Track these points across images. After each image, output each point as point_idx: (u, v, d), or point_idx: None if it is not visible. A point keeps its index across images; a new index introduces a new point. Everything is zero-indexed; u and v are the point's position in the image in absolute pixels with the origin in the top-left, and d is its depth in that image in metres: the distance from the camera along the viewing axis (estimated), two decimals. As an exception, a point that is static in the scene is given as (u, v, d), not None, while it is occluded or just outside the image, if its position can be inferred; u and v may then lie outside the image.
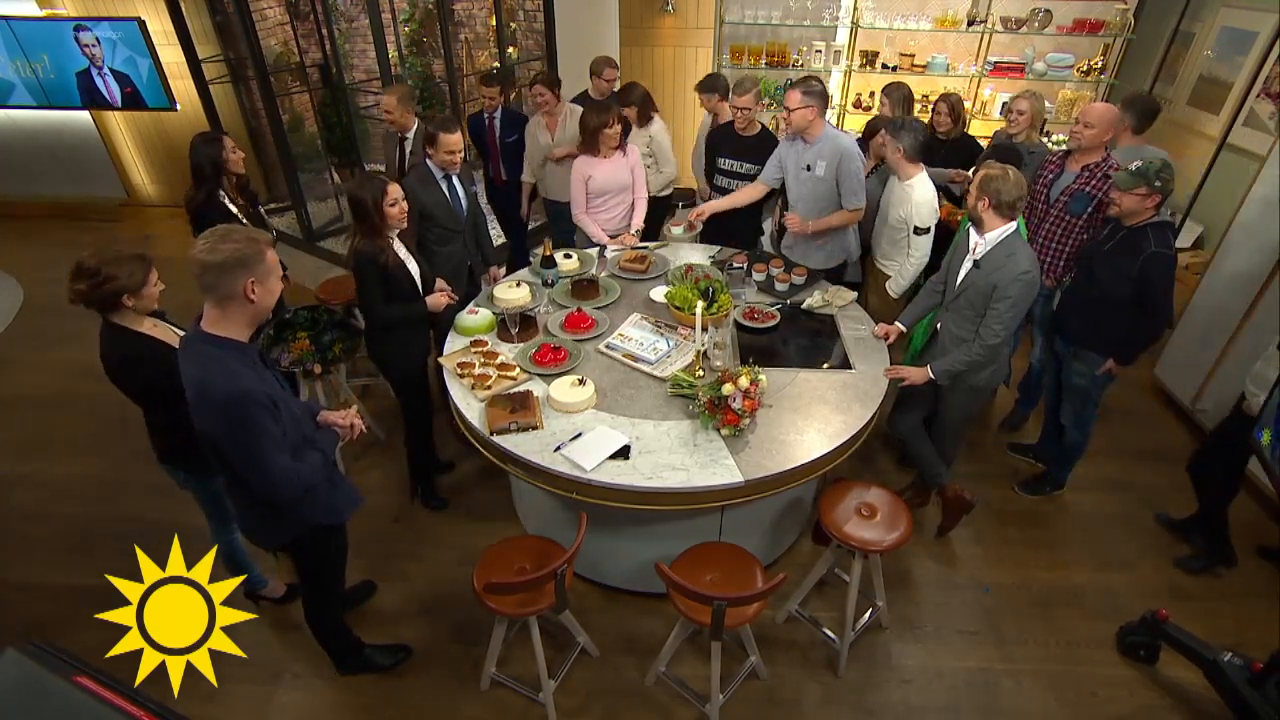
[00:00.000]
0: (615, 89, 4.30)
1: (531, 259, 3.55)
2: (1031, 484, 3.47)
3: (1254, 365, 2.79)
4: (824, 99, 3.19)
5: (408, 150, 3.90)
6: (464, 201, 3.24)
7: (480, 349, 2.82)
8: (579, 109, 3.87)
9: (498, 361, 2.73)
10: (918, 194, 3.11)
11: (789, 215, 3.41)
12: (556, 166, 4.17)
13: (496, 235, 4.75)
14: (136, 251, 2.13)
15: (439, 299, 2.86)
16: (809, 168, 3.29)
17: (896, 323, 2.99)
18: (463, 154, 3.12)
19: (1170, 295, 2.75)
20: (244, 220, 3.32)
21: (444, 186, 3.15)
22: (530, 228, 4.91)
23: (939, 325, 2.85)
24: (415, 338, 2.93)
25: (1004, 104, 3.94)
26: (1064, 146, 3.36)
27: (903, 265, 3.27)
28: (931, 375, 2.76)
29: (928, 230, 3.15)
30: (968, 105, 5.56)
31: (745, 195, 3.59)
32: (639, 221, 3.79)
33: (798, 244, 3.55)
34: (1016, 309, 2.55)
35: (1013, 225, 2.55)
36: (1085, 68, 5.34)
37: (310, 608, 2.43)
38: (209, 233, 1.71)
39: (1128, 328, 2.81)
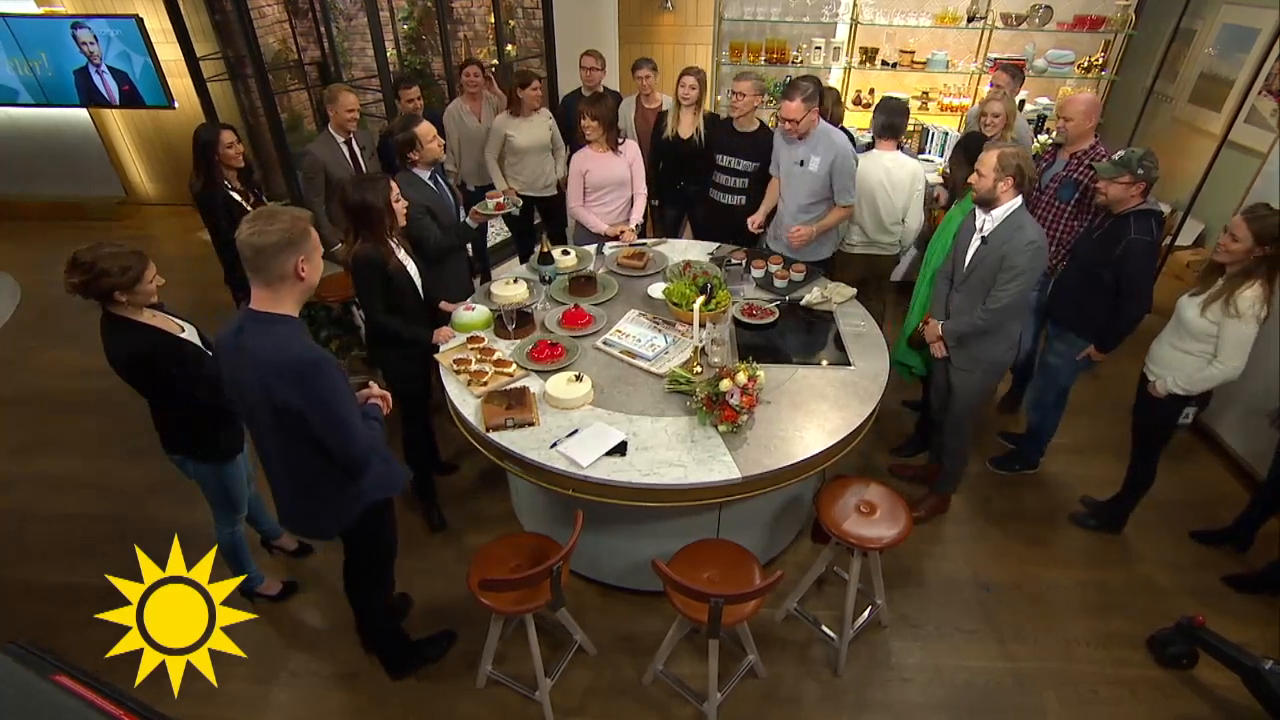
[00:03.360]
0: (598, 78, 4.34)
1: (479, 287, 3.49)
2: (1003, 460, 3.54)
3: (1152, 346, 2.83)
4: (816, 94, 3.24)
5: (357, 152, 3.86)
6: (451, 198, 3.22)
7: (477, 345, 2.80)
8: (500, 95, 4.43)
9: (494, 358, 2.72)
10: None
11: (795, 229, 3.39)
12: (476, 150, 4.31)
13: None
14: (134, 248, 2.12)
15: (446, 333, 2.84)
16: (802, 163, 3.33)
17: (931, 320, 2.97)
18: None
19: (1148, 281, 2.82)
20: (248, 209, 3.35)
21: (433, 186, 3.10)
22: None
23: (950, 306, 2.86)
24: (417, 351, 2.87)
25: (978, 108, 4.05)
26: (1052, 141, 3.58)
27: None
28: (940, 333, 2.84)
29: None
30: (966, 103, 5.56)
31: (771, 195, 3.64)
32: (638, 216, 3.77)
33: (787, 241, 3.54)
34: (1023, 278, 2.56)
35: (1019, 199, 2.57)
36: (1086, 64, 5.33)
37: (360, 603, 2.42)
38: (252, 216, 1.70)
39: (1109, 313, 2.87)
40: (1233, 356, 2.53)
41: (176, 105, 5.87)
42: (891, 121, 3.38)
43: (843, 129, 3.74)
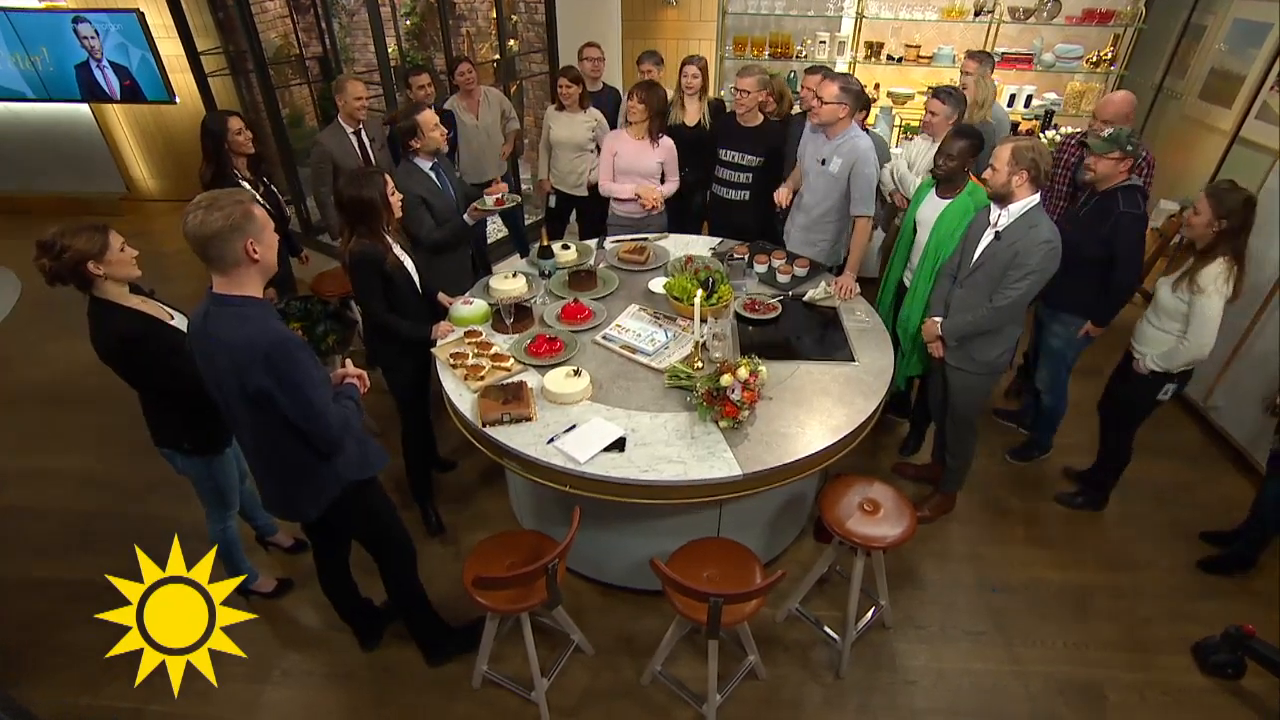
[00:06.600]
0: (601, 69, 4.34)
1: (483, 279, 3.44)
2: (1021, 451, 3.58)
3: (1136, 325, 2.87)
4: (859, 100, 3.16)
5: (367, 143, 3.82)
6: (453, 189, 3.16)
7: (474, 339, 2.76)
8: (495, 90, 4.48)
9: (491, 352, 2.68)
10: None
11: (844, 284, 3.16)
12: (473, 147, 4.32)
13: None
14: (93, 222, 2.10)
15: (445, 328, 2.80)
16: (824, 162, 3.26)
17: (931, 318, 2.89)
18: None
19: (1138, 253, 2.87)
20: (258, 197, 3.31)
21: (434, 177, 3.06)
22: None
23: (947, 303, 2.80)
24: (415, 347, 2.82)
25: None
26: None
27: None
28: (940, 332, 2.79)
29: None
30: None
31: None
32: (669, 191, 3.73)
33: (801, 238, 3.49)
34: (1034, 277, 2.52)
35: (1037, 197, 2.54)
36: (1095, 59, 5.26)
37: (392, 580, 2.39)
38: (192, 205, 1.67)
39: (1101, 288, 2.90)
40: (1199, 333, 2.59)
41: (178, 100, 5.84)
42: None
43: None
